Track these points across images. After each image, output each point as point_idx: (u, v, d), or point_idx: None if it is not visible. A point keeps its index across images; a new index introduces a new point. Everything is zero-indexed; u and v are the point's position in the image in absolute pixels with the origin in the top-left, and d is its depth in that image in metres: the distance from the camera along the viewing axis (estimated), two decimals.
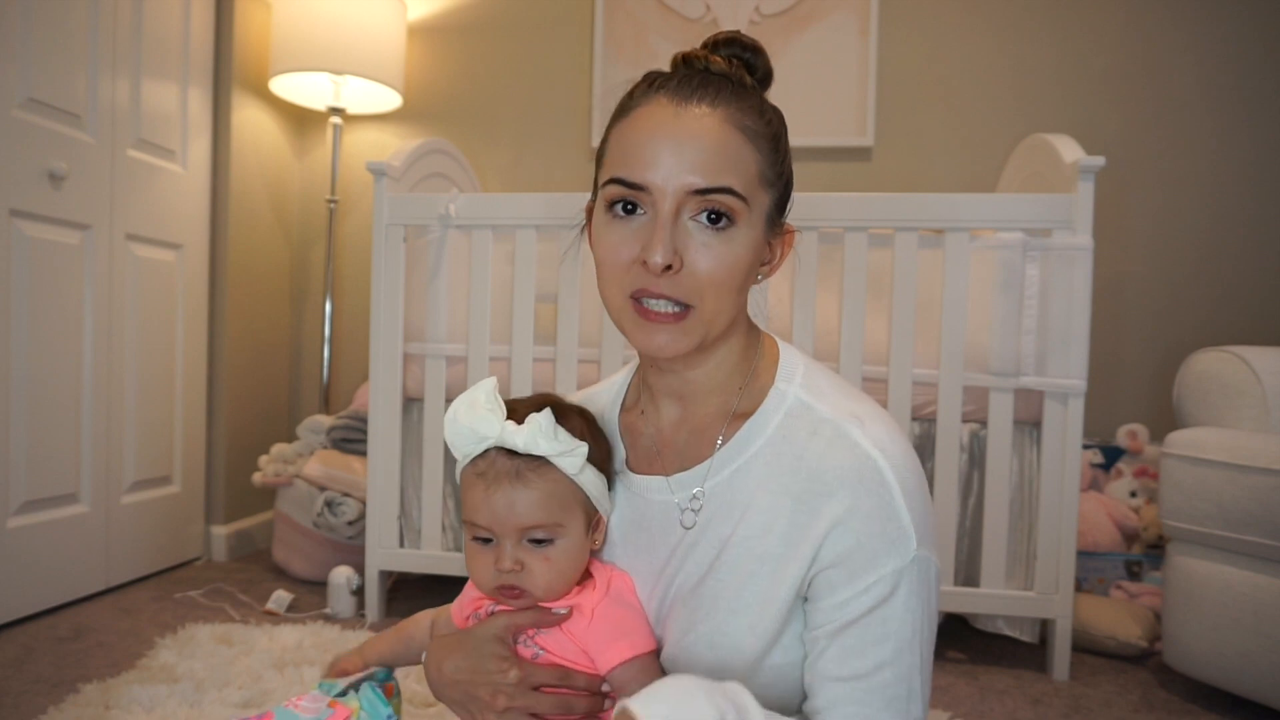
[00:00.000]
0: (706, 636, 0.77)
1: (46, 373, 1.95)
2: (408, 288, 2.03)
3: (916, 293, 1.81)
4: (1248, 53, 2.40)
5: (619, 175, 0.75)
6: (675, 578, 0.80)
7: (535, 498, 0.77)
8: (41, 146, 1.92)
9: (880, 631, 0.72)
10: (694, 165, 0.72)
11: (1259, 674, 1.55)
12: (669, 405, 0.85)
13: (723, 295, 0.75)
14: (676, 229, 0.73)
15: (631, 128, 0.76)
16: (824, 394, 0.79)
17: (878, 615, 0.72)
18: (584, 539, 0.81)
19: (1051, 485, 1.77)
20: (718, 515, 0.79)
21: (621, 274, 0.75)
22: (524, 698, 0.77)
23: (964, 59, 2.55)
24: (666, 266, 0.72)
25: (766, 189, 0.77)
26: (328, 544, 2.26)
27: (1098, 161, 1.74)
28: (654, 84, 0.77)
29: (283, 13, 2.47)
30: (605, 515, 0.83)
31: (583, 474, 0.79)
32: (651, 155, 0.73)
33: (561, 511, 0.78)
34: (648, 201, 0.74)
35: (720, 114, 0.74)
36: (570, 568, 0.80)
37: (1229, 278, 2.41)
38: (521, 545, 0.78)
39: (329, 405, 2.74)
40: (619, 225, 0.75)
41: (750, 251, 0.75)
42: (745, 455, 0.79)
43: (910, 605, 0.72)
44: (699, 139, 0.73)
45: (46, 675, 1.62)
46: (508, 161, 2.79)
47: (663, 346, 0.75)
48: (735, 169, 0.73)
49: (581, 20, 2.74)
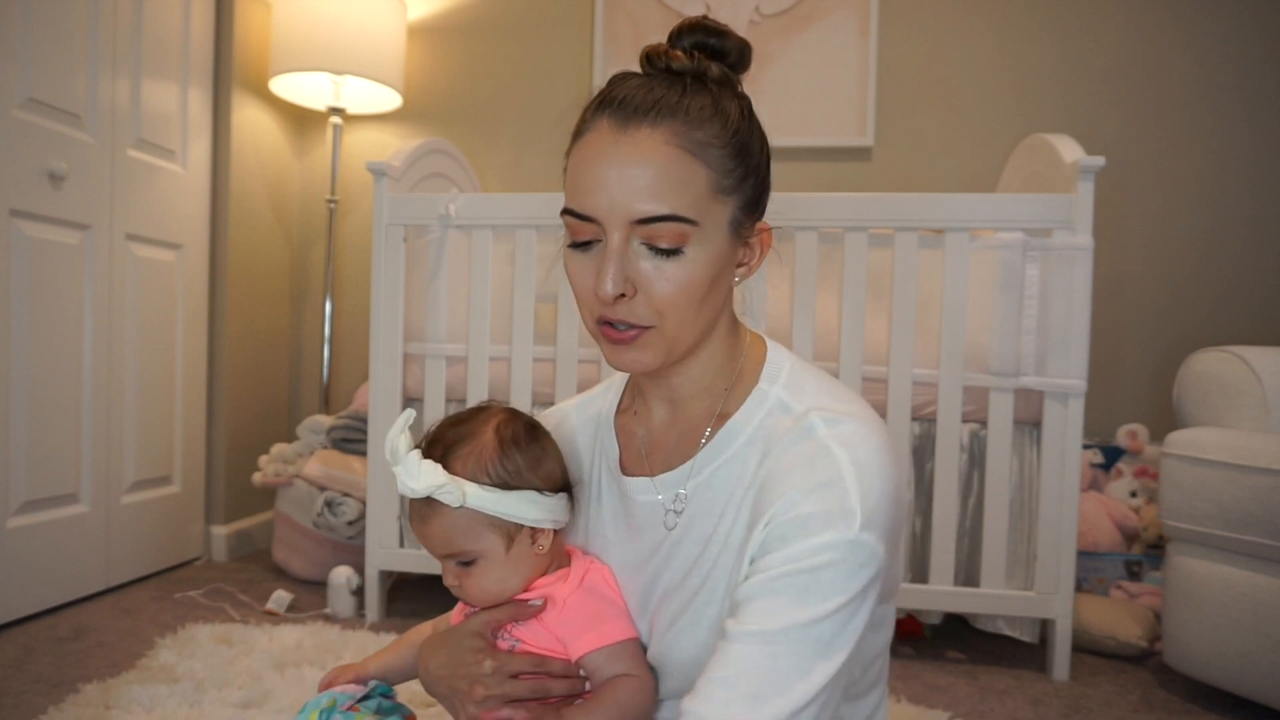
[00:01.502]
0: (689, 630, 0.78)
1: (46, 373, 1.95)
2: (408, 288, 2.03)
3: (916, 293, 1.81)
4: (1248, 53, 2.40)
5: (569, 206, 0.75)
6: (661, 574, 0.82)
7: (435, 532, 0.82)
8: (41, 146, 1.92)
9: (798, 596, 0.67)
10: (636, 193, 0.71)
11: (1259, 674, 1.55)
12: (659, 407, 0.86)
13: (683, 313, 0.75)
14: (626, 257, 0.73)
15: (579, 155, 0.76)
16: (804, 393, 0.79)
17: (799, 579, 0.68)
18: (507, 555, 0.83)
19: (1051, 485, 1.77)
20: (700, 514, 0.80)
21: (589, 301, 0.77)
22: (501, 686, 0.80)
23: (964, 59, 2.55)
24: (620, 295, 0.73)
25: (725, 197, 0.75)
26: (328, 544, 2.26)
27: (1098, 161, 1.74)
28: (604, 102, 0.76)
29: (283, 13, 2.47)
30: (535, 524, 0.83)
31: (470, 501, 0.80)
32: (595, 185, 0.73)
33: (464, 539, 0.82)
34: (599, 231, 0.74)
35: (662, 134, 0.72)
36: (501, 580, 0.83)
37: (1229, 278, 2.41)
38: (454, 565, 0.84)
39: (329, 405, 2.74)
40: (579, 254, 0.77)
41: (708, 267, 0.74)
42: (725, 454, 0.80)
43: (837, 583, 0.67)
44: (640, 166, 0.71)
45: (46, 675, 1.62)
46: (508, 161, 2.79)
47: (631, 363, 0.77)
48: (680, 192, 0.72)
49: (581, 20, 2.74)
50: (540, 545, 0.84)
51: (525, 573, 0.84)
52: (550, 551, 0.86)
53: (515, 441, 0.84)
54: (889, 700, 1.58)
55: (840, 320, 1.83)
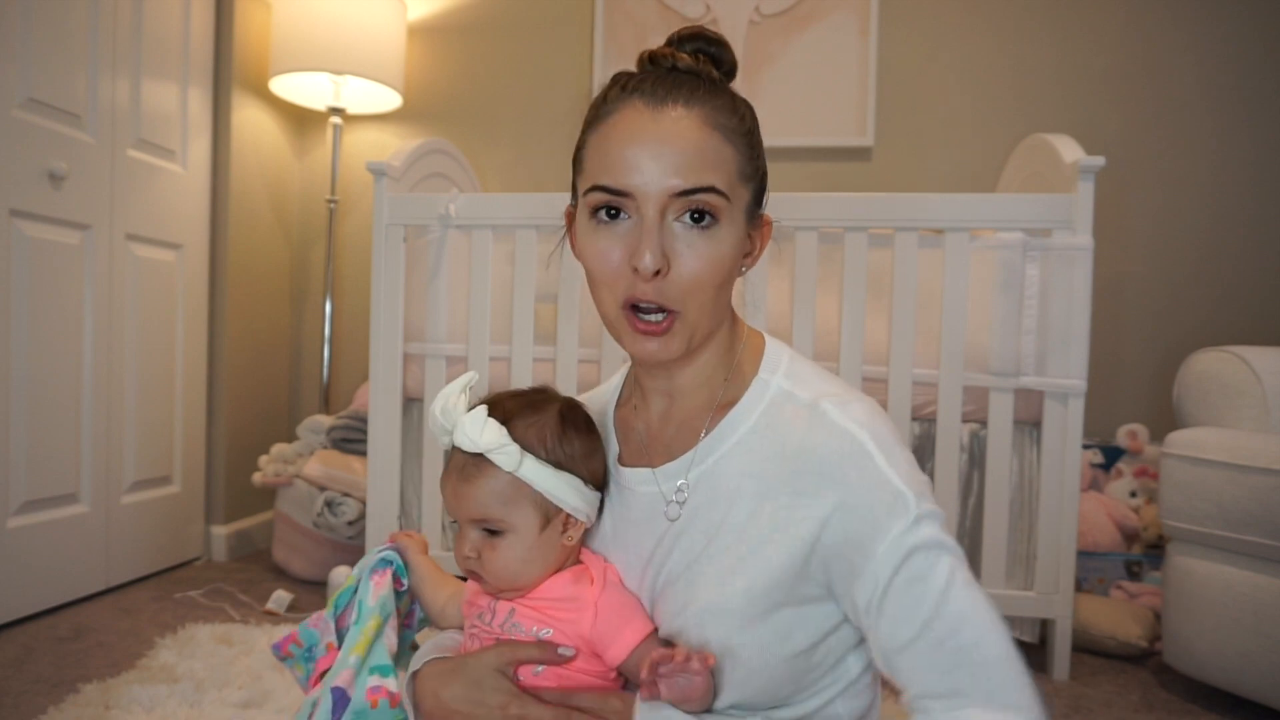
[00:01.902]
0: (696, 617, 0.78)
1: (46, 373, 1.95)
2: (408, 288, 2.03)
3: (916, 293, 1.81)
4: (1248, 53, 2.40)
5: (602, 182, 0.75)
6: (664, 565, 0.82)
7: (475, 493, 0.80)
8: (41, 146, 1.92)
9: (915, 592, 0.71)
10: (676, 167, 0.73)
11: (1259, 674, 1.55)
12: (658, 400, 0.87)
13: (707, 296, 0.76)
14: (662, 231, 0.74)
15: (609, 133, 0.76)
16: (806, 381, 0.81)
17: (903, 577, 0.71)
18: (539, 535, 0.81)
19: (1051, 485, 1.77)
20: (705, 503, 0.81)
21: (614, 280, 0.76)
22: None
23: (964, 59, 2.55)
24: (656, 271, 0.73)
25: (745, 184, 0.78)
26: (328, 544, 2.26)
27: (1098, 161, 1.74)
28: (626, 87, 0.77)
29: (283, 13, 2.47)
30: (573, 513, 0.83)
31: (523, 470, 0.79)
32: (633, 160, 0.74)
33: (503, 506, 0.80)
34: (632, 206, 0.75)
35: (696, 114, 0.75)
36: (524, 560, 0.81)
37: (1229, 278, 2.41)
38: (479, 534, 0.82)
39: (329, 405, 2.74)
40: (604, 231, 0.76)
41: (733, 248, 0.77)
42: (728, 444, 0.80)
43: (930, 558, 0.72)
44: (678, 141, 0.73)
45: (46, 675, 1.62)
46: (508, 161, 2.79)
47: (654, 353, 0.78)
48: (716, 168, 0.74)
49: (581, 20, 2.74)
50: (570, 536, 0.83)
51: (548, 560, 0.83)
52: (576, 547, 0.85)
53: (576, 426, 0.84)
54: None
55: (840, 320, 1.83)
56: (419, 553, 0.96)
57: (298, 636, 0.93)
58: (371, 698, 0.83)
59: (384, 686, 0.83)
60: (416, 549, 0.96)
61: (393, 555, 0.93)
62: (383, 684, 0.84)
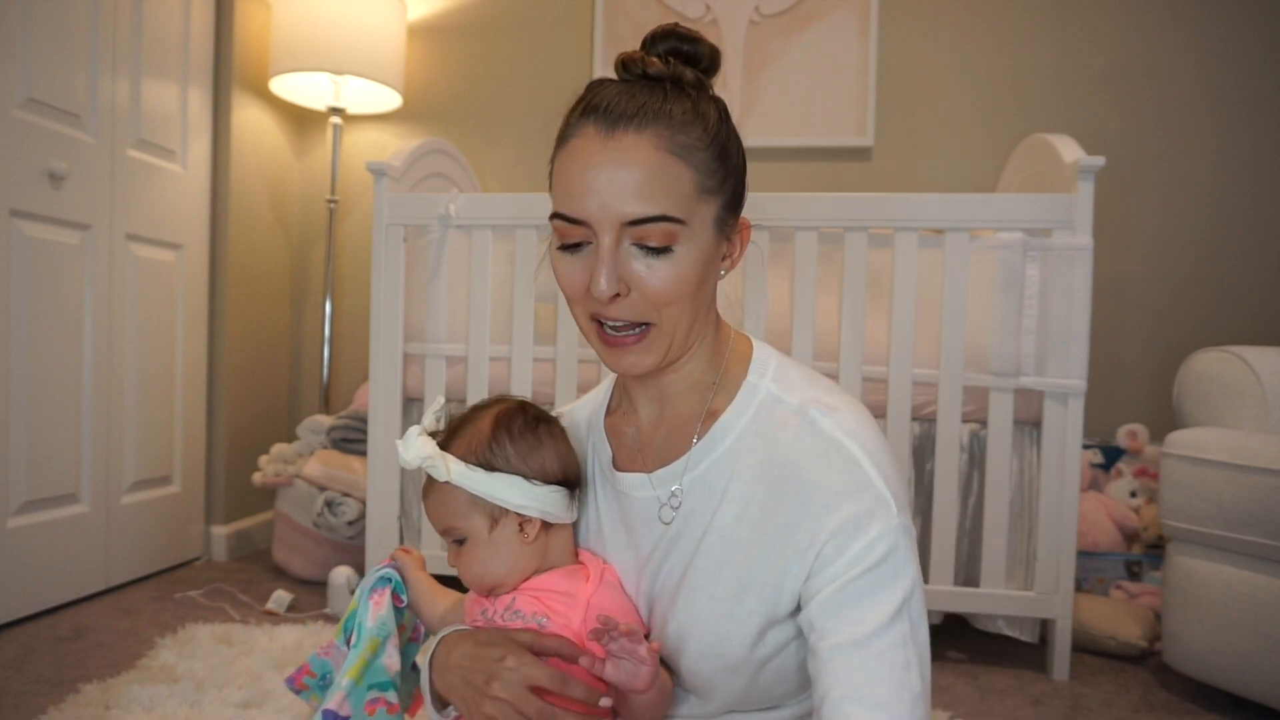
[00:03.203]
0: (689, 624, 0.79)
1: (46, 373, 1.95)
2: (408, 288, 2.03)
3: (916, 293, 1.81)
4: (1248, 53, 2.40)
5: (560, 210, 0.77)
6: (660, 569, 0.83)
7: (433, 507, 0.87)
8: (41, 146, 1.92)
9: (873, 595, 0.72)
10: (626, 195, 0.73)
11: (1259, 674, 1.55)
12: (647, 406, 0.88)
13: (681, 306, 0.77)
14: (618, 257, 0.75)
15: (569, 159, 0.77)
16: (794, 386, 0.82)
17: (869, 578, 0.72)
18: (490, 536, 0.85)
19: (1051, 485, 1.77)
20: (697, 508, 0.81)
21: (580, 300, 0.78)
22: (516, 688, 0.76)
23: (964, 59, 2.55)
24: (614, 295, 0.75)
25: (709, 197, 0.77)
26: (328, 544, 2.26)
27: (1098, 161, 1.74)
28: (586, 109, 0.78)
29: (283, 13, 2.47)
30: (520, 510, 0.84)
31: (454, 477, 0.83)
32: (585, 189, 0.74)
33: (454, 515, 0.85)
34: (589, 233, 0.75)
35: (648, 138, 0.74)
36: (485, 562, 0.85)
37: (1229, 278, 2.41)
38: (451, 543, 0.88)
39: (329, 405, 2.74)
40: (568, 257, 0.78)
41: (698, 264, 0.76)
42: (720, 449, 0.81)
43: (898, 569, 0.73)
44: (628, 169, 0.73)
45: (46, 675, 1.62)
46: (508, 161, 2.79)
47: (631, 366, 0.79)
48: (668, 193, 0.73)
49: (581, 20, 2.74)
50: (527, 534, 0.85)
51: (510, 560, 0.85)
52: (546, 545, 0.86)
53: (509, 429, 0.86)
54: None
55: (840, 320, 1.83)
56: (416, 569, 0.99)
57: (310, 667, 0.95)
58: (370, 709, 0.85)
59: (383, 698, 0.86)
60: (414, 565, 0.99)
61: (391, 573, 0.96)
62: (381, 696, 0.86)
